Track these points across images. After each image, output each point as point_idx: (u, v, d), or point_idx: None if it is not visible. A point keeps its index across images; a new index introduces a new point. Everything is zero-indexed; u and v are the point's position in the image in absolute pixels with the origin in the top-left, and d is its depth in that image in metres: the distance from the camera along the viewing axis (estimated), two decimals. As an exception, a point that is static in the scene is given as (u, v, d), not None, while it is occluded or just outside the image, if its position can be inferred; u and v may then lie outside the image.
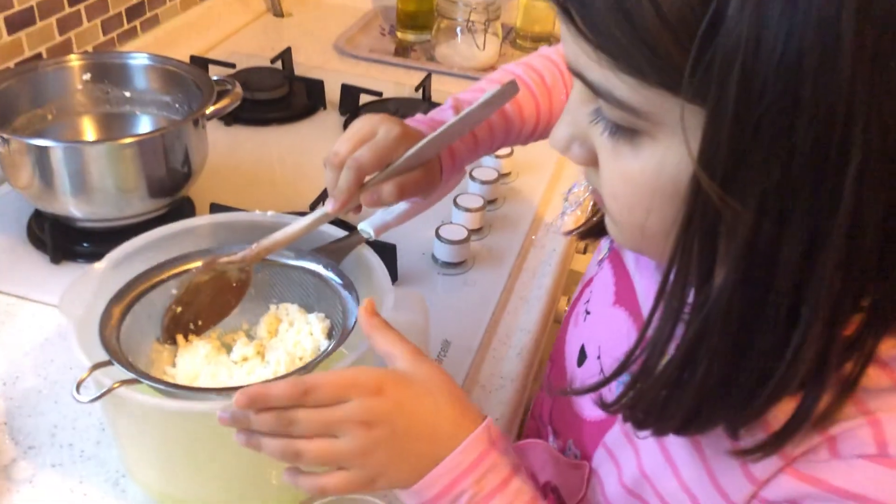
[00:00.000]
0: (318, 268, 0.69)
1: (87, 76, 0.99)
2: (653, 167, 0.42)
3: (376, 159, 0.63)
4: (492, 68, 1.42)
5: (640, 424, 0.48)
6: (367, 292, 0.66)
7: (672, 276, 0.42)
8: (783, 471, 0.45)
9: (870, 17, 0.34)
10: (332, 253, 0.70)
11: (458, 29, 1.41)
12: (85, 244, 0.91)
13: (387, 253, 0.87)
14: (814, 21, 0.34)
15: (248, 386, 0.51)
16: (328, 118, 1.25)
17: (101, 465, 0.69)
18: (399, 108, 1.20)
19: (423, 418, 0.53)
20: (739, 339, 0.41)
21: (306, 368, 0.59)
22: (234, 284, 0.68)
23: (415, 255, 0.95)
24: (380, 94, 1.24)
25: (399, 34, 1.54)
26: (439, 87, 1.31)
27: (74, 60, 0.98)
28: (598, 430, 0.59)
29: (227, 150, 1.14)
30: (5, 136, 0.83)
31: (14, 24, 1.06)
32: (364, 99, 1.25)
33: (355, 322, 0.62)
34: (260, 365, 0.64)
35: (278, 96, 1.25)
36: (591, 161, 0.48)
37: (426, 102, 1.24)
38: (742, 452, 0.44)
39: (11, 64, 1.07)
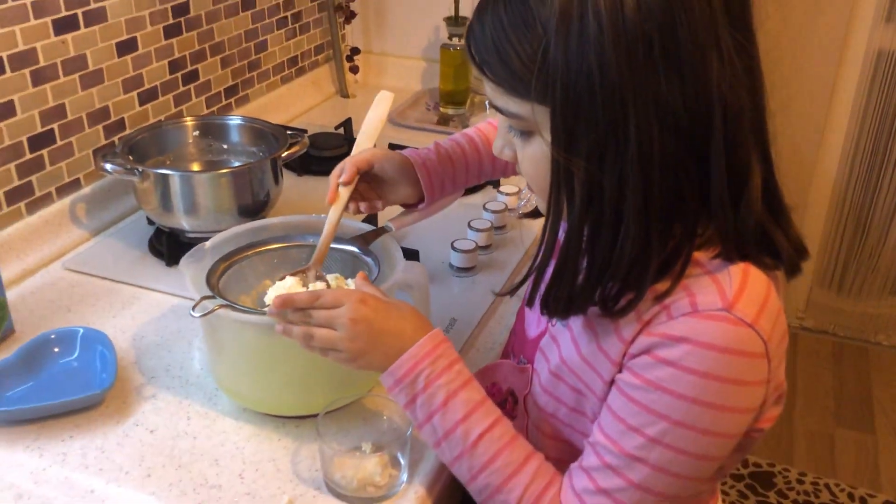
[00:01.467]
0: (355, 250, 0.98)
1: (196, 133, 1.33)
2: (537, 150, 0.72)
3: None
4: (515, 133, 1.72)
5: (543, 312, 0.76)
6: (388, 264, 0.95)
7: (551, 214, 0.71)
8: (641, 333, 0.71)
9: (619, 45, 0.62)
10: (365, 240, 0.99)
11: (487, 102, 1.72)
12: (190, 253, 1.22)
13: (411, 256, 1.16)
14: (593, 48, 0.63)
15: (283, 294, 0.81)
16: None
17: (200, 388, 0.97)
18: (433, 160, 1.51)
19: (393, 322, 0.80)
20: (590, 246, 0.69)
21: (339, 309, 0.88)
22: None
23: (436, 262, 1.23)
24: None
25: (441, 108, 1.86)
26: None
27: (188, 121, 1.33)
28: (536, 341, 0.86)
29: (299, 193, 1.45)
30: (140, 168, 1.16)
31: (143, 99, 1.41)
32: (407, 155, 1.56)
33: (376, 278, 0.91)
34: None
35: (339, 154, 1.57)
36: (515, 158, 0.77)
37: (456, 157, 1.54)
38: (611, 315, 0.71)
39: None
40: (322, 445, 0.83)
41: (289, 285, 0.88)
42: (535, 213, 0.92)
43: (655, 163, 0.65)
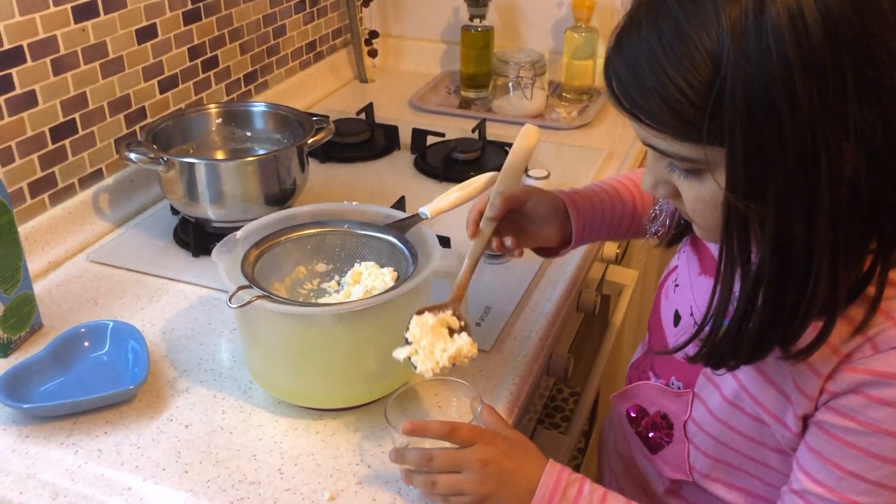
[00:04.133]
0: (390, 237, 0.95)
1: (219, 120, 1.31)
2: (716, 189, 0.62)
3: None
4: (539, 116, 1.69)
5: (717, 365, 0.70)
6: (424, 252, 0.92)
7: (724, 257, 0.64)
8: (843, 369, 0.66)
9: (810, 79, 0.55)
10: (400, 228, 0.96)
11: (510, 84, 1.69)
12: (216, 243, 1.20)
13: (443, 243, 1.13)
14: (780, 89, 0.55)
15: (413, 420, 0.77)
16: (401, 156, 1.53)
17: (233, 381, 0.95)
18: (458, 144, 1.48)
19: (519, 462, 0.77)
20: (775, 292, 0.63)
21: (376, 298, 0.85)
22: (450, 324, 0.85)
23: (467, 249, 1.20)
24: (443, 134, 1.53)
25: (462, 92, 1.83)
26: (493, 131, 1.59)
27: (211, 108, 1.30)
28: (696, 366, 0.78)
29: (323, 181, 1.43)
30: (165, 157, 1.13)
31: (163, 87, 1.39)
32: (430, 140, 1.53)
33: (413, 271, 0.88)
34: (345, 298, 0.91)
35: (362, 140, 1.55)
36: (674, 195, 0.70)
37: (481, 141, 1.52)
38: (794, 356, 0.66)
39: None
40: (394, 435, 0.79)
41: (431, 323, 0.82)
42: (679, 237, 0.88)
43: (845, 195, 0.59)
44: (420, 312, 0.83)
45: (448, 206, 1.00)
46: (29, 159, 1.15)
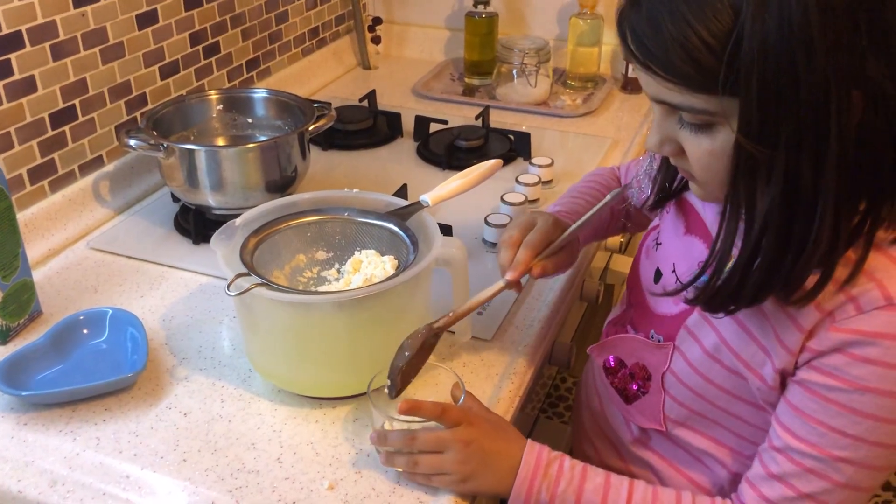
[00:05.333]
0: (391, 225, 0.94)
1: (220, 107, 1.29)
2: (726, 142, 0.65)
3: (543, 241, 0.88)
4: (544, 103, 1.68)
5: (716, 309, 0.71)
6: (424, 241, 0.91)
7: (729, 206, 0.66)
8: (827, 328, 0.67)
9: (826, 26, 0.57)
10: (401, 216, 0.95)
11: (515, 72, 1.67)
12: (217, 230, 1.19)
13: (444, 231, 1.12)
14: (797, 35, 0.57)
15: (409, 400, 0.78)
16: (404, 144, 1.52)
17: (233, 369, 0.95)
18: (461, 132, 1.47)
19: (501, 442, 0.79)
20: (780, 237, 0.64)
21: (376, 286, 0.84)
22: (429, 346, 0.83)
23: (469, 237, 1.20)
24: (445, 121, 1.52)
25: (466, 79, 1.81)
26: (497, 118, 1.58)
27: (212, 95, 1.29)
28: (676, 319, 0.83)
29: (325, 169, 1.42)
30: (165, 144, 1.13)
31: (164, 73, 1.38)
32: (434, 127, 1.52)
33: (413, 259, 0.87)
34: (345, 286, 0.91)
35: (364, 127, 1.53)
36: (679, 153, 0.71)
37: (484, 128, 1.50)
38: (793, 302, 0.67)
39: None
40: (375, 413, 0.80)
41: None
42: (662, 201, 0.89)
43: (852, 142, 0.61)
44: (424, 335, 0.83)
45: (450, 193, 0.99)
46: (28, 146, 1.14)
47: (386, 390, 0.81)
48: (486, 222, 1.18)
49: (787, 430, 0.72)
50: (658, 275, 0.89)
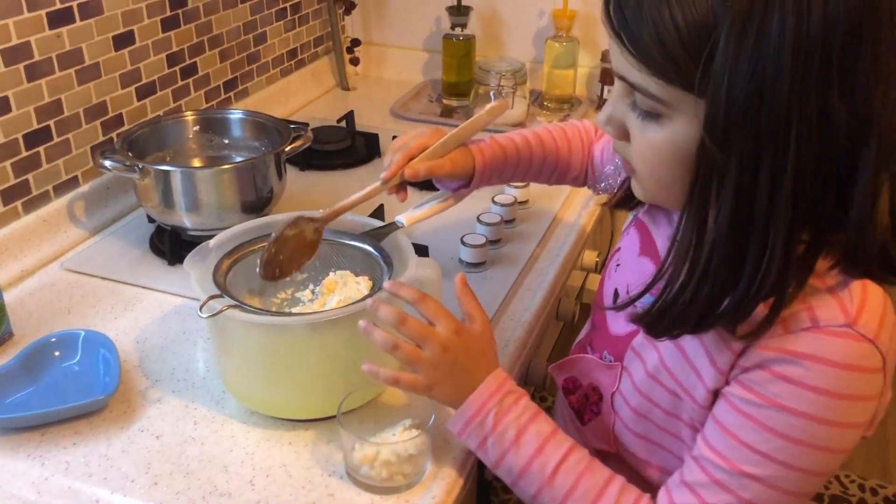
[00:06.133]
0: (366, 246, 0.95)
1: (196, 128, 1.29)
2: (670, 137, 0.66)
3: (420, 146, 0.93)
4: (521, 124, 1.69)
5: (660, 333, 0.71)
6: (399, 262, 0.91)
7: (683, 222, 0.66)
8: (754, 346, 0.68)
9: (799, 55, 0.57)
10: (376, 236, 0.95)
11: (492, 93, 1.69)
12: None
13: (420, 251, 1.12)
14: (771, 58, 0.57)
15: (395, 282, 0.81)
16: (382, 164, 1.52)
17: (206, 391, 0.94)
18: (438, 153, 1.47)
19: (474, 360, 0.80)
20: (730, 261, 0.64)
21: (350, 307, 0.84)
22: (310, 240, 0.90)
23: (445, 258, 1.20)
24: (423, 142, 1.52)
25: (444, 100, 1.83)
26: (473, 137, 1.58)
27: (188, 116, 1.29)
28: (626, 339, 0.84)
29: (302, 189, 1.42)
30: (140, 165, 1.12)
31: (141, 94, 1.37)
32: (411, 148, 1.52)
33: (388, 278, 0.88)
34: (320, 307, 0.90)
35: (342, 147, 1.54)
36: (623, 136, 0.72)
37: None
38: (743, 337, 0.67)
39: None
40: (344, 436, 0.79)
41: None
42: (626, 201, 0.90)
43: (810, 172, 0.60)
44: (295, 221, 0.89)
45: (425, 214, 0.99)
46: (1, 166, 1.14)
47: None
48: (463, 242, 1.18)
49: (704, 440, 0.73)
50: (616, 296, 0.90)
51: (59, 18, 1.18)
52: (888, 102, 0.61)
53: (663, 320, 0.70)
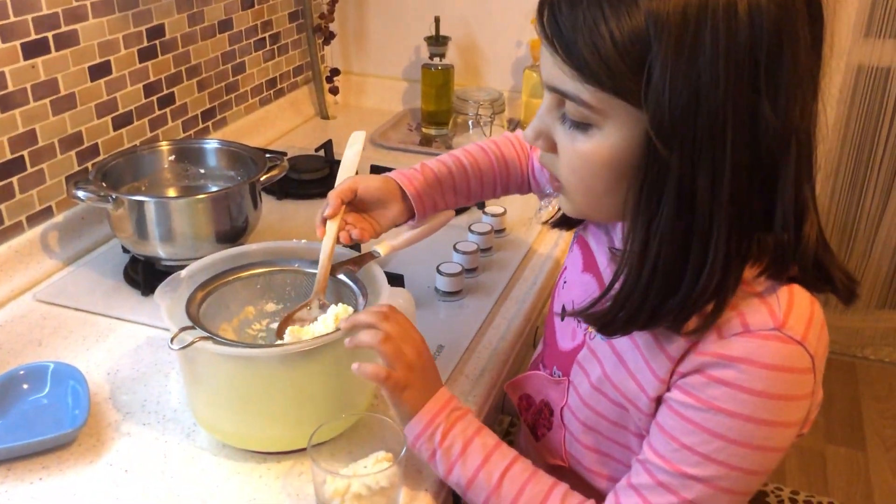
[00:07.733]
0: (341, 276, 0.94)
1: (172, 157, 1.29)
2: (599, 146, 0.68)
3: (349, 188, 0.96)
4: (498, 153, 1.70)
5: (613, 333, 0.74)
6: (373, 291, 0.91)
7: (628, 228, 0.68)
8: (690, 351, 0.70)
9: (732, 66, 0.61)
10: (352, 266, 0.95)
11: (470, 122, 1.70)
12: (167, 281, 1.18)
13: (396, 281, 1.12)
14: (707, 70, 0.61)
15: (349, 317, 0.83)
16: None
17: (177, 423, 0.93)
18: (416, 182, 1.47)
19: (433, 373, 0.83)
20: (675, 264, 0.67)
21: (322, 338, 0.84)
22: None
23: (422, 287, 1.20)
24: (401, 171, 1.52)
25: (423, 129, 1.84)
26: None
27: (163, 146, 1.29)
28: (572, 354, 0.86)
29: (279, 218, 1.42)
30: (114, 195, 1.12)
31: (117, 124, 1.37)
32: (389, 177, 1.52)
33: (364, 307, 0.88)
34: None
35: (320, 177, 1.54)
36: (552, 148, 0.73)
37: (439, 178, 1.51)
38: (688, 334, 0.69)
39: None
40: (315, 469, 0.78)
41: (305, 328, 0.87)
42: (567, 222, 0.91)
43: (745, 178, 0.64)
44: (289, 318, 0.89)
45: (402, 244, 0.99)
46: (-26, 197, 1.13)
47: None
48: (439, 271, 1.18)
49: (649, 444, 0.75)
50: (564, 312, 0.92)
51: (34, 49, 1.18)
52: (805, 110, 0.64)
53: (616, 321, 0.72)
